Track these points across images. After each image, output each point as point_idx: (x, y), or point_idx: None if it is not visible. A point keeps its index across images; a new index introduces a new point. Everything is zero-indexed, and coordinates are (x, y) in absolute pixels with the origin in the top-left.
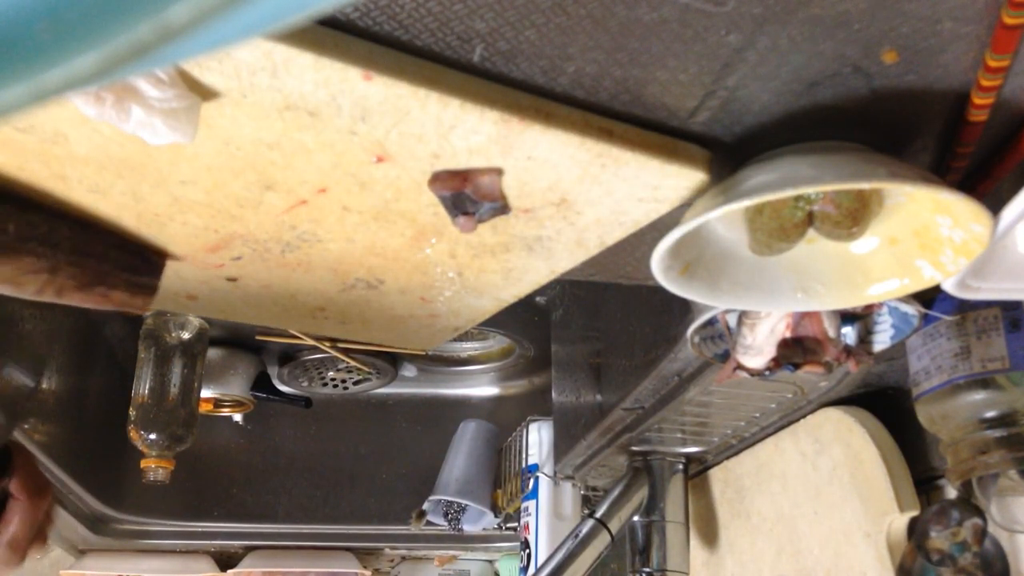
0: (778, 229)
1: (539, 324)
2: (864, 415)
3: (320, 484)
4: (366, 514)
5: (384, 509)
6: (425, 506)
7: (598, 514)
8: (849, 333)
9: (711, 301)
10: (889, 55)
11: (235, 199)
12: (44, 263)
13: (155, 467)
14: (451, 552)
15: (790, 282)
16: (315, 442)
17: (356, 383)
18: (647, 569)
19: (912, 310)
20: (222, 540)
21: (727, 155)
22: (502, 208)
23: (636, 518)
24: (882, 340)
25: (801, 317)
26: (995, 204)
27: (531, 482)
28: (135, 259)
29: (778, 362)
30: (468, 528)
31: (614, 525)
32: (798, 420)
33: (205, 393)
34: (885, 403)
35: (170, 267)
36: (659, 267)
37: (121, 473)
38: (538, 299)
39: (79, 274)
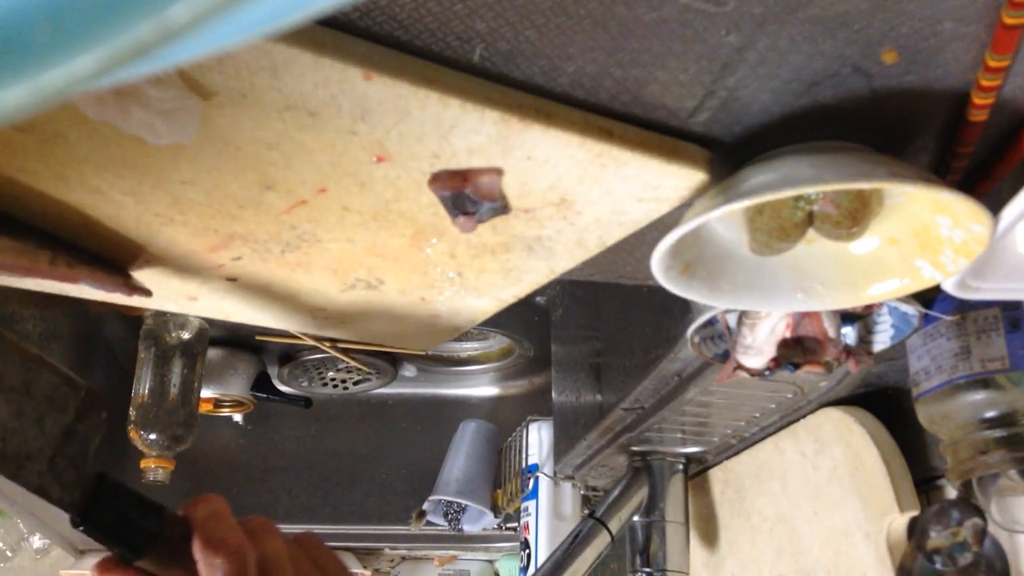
0: (778, 229)
1: (539, 324)
2: (864, 415)
3: (320, 484)
4: (366, 514)
5: (384, 509)
6: (425, 506)
7: (598, 514)
8: (849, 333)
9: (711, 301)
10: (889, 55)
11: (235, 199)
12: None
13: (155, 467)
14: (451, 552)
15: (790, 282)
16: (315, 442)
17: (356, 383)
18: (647, 569)
19: (912, 310)
20: None
21: (727, 155)
22: (502, 208)
23: (636, 518)
24: (882, 340)
25: (801, 317)
26: (995, 204)
27: (531, 482)
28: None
29: (778, 362)
30: (468, 528)
31: (614, 525)
32: (798, 420)
33: (205, 393)
34: (885, 403)
35: (170, 267)
36: (659, 267)
37: (121, 473)
38: (538, 299)
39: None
